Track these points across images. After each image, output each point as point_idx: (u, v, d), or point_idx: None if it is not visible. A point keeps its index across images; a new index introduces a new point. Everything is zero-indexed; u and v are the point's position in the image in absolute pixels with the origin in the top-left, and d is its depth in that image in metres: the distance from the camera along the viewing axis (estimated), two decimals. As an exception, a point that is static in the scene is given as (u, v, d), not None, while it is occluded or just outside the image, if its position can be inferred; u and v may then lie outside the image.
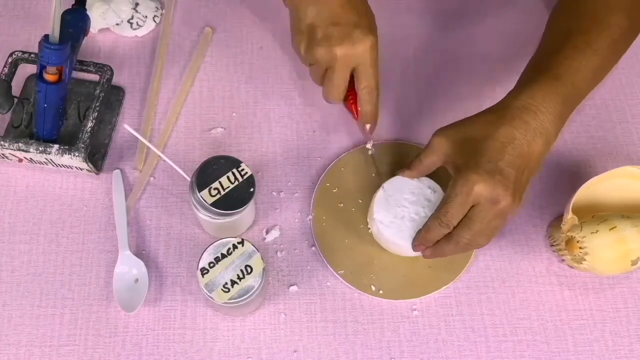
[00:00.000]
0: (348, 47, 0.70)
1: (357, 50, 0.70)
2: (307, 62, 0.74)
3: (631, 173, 0.74)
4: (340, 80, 0.73)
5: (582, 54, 0.68)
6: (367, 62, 0.72)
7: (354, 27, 0.70)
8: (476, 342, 0.73)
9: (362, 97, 0.74)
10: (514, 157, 0.64)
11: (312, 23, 0.71)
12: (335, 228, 0.77)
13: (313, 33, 0.71)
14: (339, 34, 0.70)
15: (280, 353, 0.72)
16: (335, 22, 0.70)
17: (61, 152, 0.74)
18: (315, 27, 0.71)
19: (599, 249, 0.69)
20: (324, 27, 0.70)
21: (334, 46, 0.70)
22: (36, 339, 0.71)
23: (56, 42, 0.69)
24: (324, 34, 0.70)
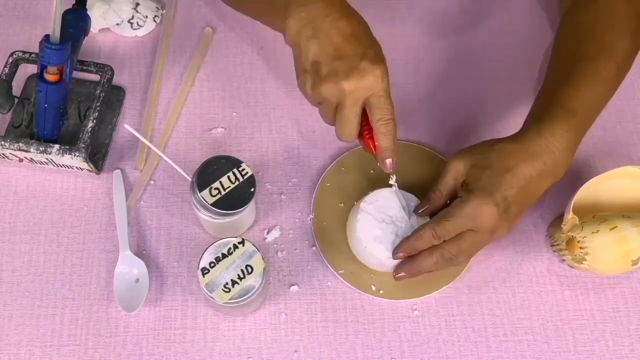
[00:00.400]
0: (356, 79, 0.65)
1: (366, 82, 0.65)
2: (315, 102, 0.69)
3: (632, 173, 0.74)
4: (352, 116, 0.67)
5: (591, 84, 0.71)
6: (379, 92, 0.66)
7: (360, 59, 0.65)
8: (477, 342, 0.73)
9: (378, 131, 0.68)
10: (524, 195, 0.67)
11: (316, 60, 0.66)
12: (336, 228, 0.77)
13: (318, 70, 0.66)
14: (345, 68, 0.65)
15: (280, 353, 0.72)
16: (339, 57, 0.66)
17: (62, 152, 0.74)
18: (319, 64, 0.66)
19: (599, 249, 0.70)
20: (329, 63, 0.66)
21: (341, 81, 0.65)
22: (37, 339, 0.71)
23: (57, 42, 0.69)
24: (329, 69, 0.66)
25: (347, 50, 0.66)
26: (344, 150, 0.82)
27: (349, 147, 0.82)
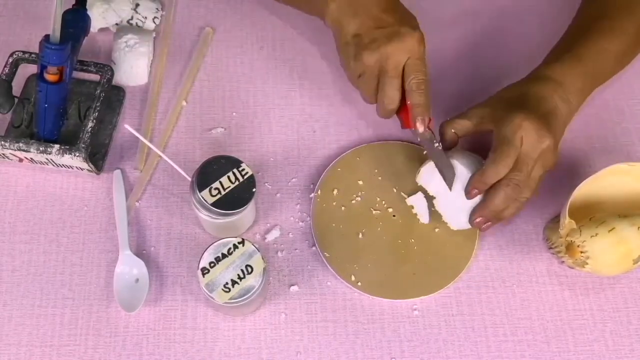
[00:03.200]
0: (397, 43, 0.70)
1: (406, 45, 0.71)
2: (357, 73, 0.73)
3: (622, 170, 0.74)
4: (395, 81, 0.72)
5: (606, 38, 0.74)
6: (416, 54, 0.71)
7: (400, 26, 0.71)
8: (476, 342, 0.73)
9: (411, 89, 0.72)
10: (547, 111, 0.71)
11: (357, 33, 0.72)
12: (336, 228, 0.77)
13: (360, 41, 0.72)
14: (386, 35, 0.71)
15: (280, 353, 0.72)
16: (379, 26, 0.71)
17: (62, 152, 0.74)
18: (360, 35, 0.72)
19: (600, 252, 0.69)
20: (370, 33, 0.71)
21: (383, 46, 0.70)
22: (37, 339, 0.71)
23: (57, 42, 0.69)
24: (371, 38, 0.71)
25: (385, 20, 0.72)
26: (344, 150, 0.82)
27: (349, 147, 0.82)
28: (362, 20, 0.72)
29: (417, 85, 0.72)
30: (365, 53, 0.71)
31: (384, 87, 0.72)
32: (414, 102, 0.72)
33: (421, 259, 0.76)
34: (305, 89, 0.86)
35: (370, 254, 0.76)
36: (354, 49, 0.72)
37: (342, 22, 0.73)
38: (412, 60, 0.71)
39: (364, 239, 0.77)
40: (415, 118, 0.72)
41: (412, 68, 0.71)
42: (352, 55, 0.72)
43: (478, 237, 0.78)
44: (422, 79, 0.72)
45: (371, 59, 0.71)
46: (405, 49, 0.71)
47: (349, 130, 0.83)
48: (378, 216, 0.78)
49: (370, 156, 0.81)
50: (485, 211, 0.71)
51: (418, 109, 0.72)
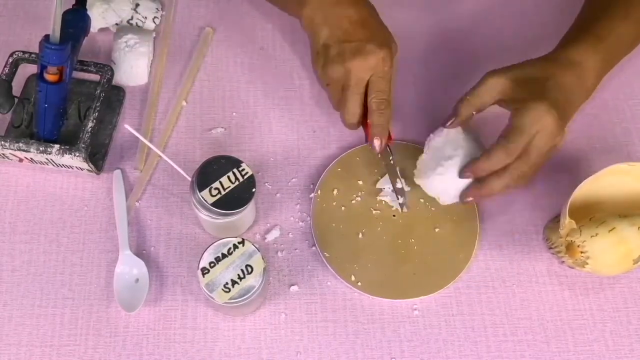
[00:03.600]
0: (360, 60, 0.70)
1: (369, 63, 0.71)
2: (325, 83, 0.74)
3: (622, 170, 0.74)
4: (356, 97, 0.72)
5: (622, 22, 0.75)
6: (379, 73, 0.72)
7: (366, 42, 0.71)
8: (476, 341, 0.73)
9: (371, 108, 0.72)
10: (568, 101, 0.70)
11: (326, 43, 0.73)
12: (336, 228, 0.77)
13: (327, 52, 0.72)
14: (351, 50, 0.71)
15: (281, 353, 0.72)
16: (347, 40, 0.72)
17: (62, 152, 0.74)
18: (328, 46, 0.72)
19: (600, 252, 0.69)
20: (337, 46, 0.72)
21: (347, 61, 0.71)
22: (37, 339, 0.71)
23: (57, 42, 0.69)
24: (337, 51, 0.72)
25: (353, 34, 0.72)
26: (344, 150, 0.82)
27: (349, 147, 0.82)
28: (331, 31, 0.73)
29: (377, 105, 0.72)
30: (330, 66, 0.72)
31: (346, 102, 0.73)
32: (373, 121, 0.73)
33: (421, 259, 0.76)
34: (305, 89, 0.86)
35: (370, 254, 0.76)
36: (322, 59, 0.73)
37: (315, 30, 0.74)
38: (375, 78, 0.72)
39: (364, 239, 0.77)
40: (373, 137, 0.73)
41: (374, 86, 0.72)
42: (320, 65, 0.73)
43: (478, 237, 0.78)
44: (382, 99, 0.72)
45: (335, 73, 0.72)
46: (368, 66, 0.71)
47: (349, 130, 0.83)
48: (378, 216, 0.78)
49: (370, 156, 0.81)
50: (481, 193, 0.72)
51: (376, 129, 0.73)
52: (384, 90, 0.72)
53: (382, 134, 0.73)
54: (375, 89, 0.72)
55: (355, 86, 0.72)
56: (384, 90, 0.72)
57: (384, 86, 0.72)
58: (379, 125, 0.73)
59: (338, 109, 0.75)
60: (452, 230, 0.77)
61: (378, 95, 0.72)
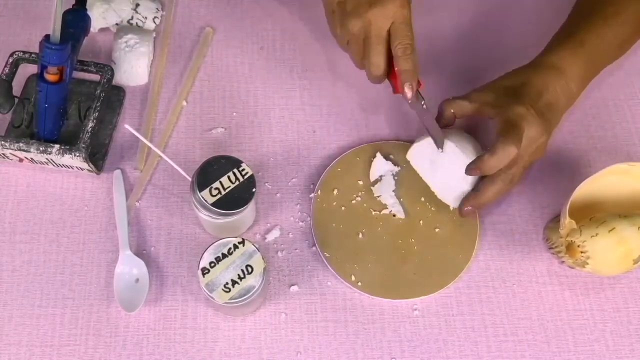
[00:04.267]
0: (379, 9, 0.69)
1: (388, 11, 0.70)
2: (345, 41, 0.73)
3: (622, 170, 0.74)
4: (379, 48, 0.71)
5: (609, 23, 0.74)
6: (399, 19, 0.70)
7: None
8: (477, 341, 0.73)
9: (396, 55, 0.71)
10: (547, 103, 0.71)
11: (341, 0, 0.71)
12: (336, 228, 0.77)
13: (343, 8, 0.71)
14: (368, 1, 0.70)
15: (281, 353, 0.72)
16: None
17: (62, 152, 0.74)
18: (344, 2, 0.71)
19: (600, 252, 0.69)
20: (353, 0, 0.70)
21: (365, 12, 0.70)
22: (37, 339, 0.71)
23: (57, 42, 0.69)
24: (353, 5, 0.70)
25: None
26: (344, 150, 0.82)
27: (349, 147, 0.82)
28: None
29: (403, 50, 0.71)
30: (348, 20, 0.70)
31: (369, 54, 0.72)
32: (401, 67, 0.71)
33: (421, 259, 0.76)
34: (305, 89, 0.86)
35: (370, 254, 0.76)
36: (339, 16, 0.72)
37: None
38: (396, 25, 0.70)
39: (364, 239, 0.77)
40: (403, 83, 0.72)
41: (397, 33, 0.70)
42: (338, 23, 0.72)
43: (478, 237, 0.78)
44: (407, 44, 0.71)
45: (355, 26, 0.70)
46: (387, 14, 0.70)
47: (349, 130, 0.83)
48: (378, 216, 0.78)
49: (370, 156, 0.81)
50: (478, 202, 0.74)
51: (405, 75, 0.71)
52: (407, 35, 0.71)
53: (412, 78, 0.72)
54: (398, 35, 0.70)
55: (377, 37, 0.71)
56: (406, 35, 0.71)
57: (407, 31, 0.71)
58: (408, 71, 0.71)
59: (362, 65, 0.74)
60: (452, 230, 0.77)
61: (403, 40, 0.70)
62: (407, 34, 0.71)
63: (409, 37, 0.71)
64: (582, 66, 0.73)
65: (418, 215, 0.78)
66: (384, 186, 0.79)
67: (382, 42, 0.71)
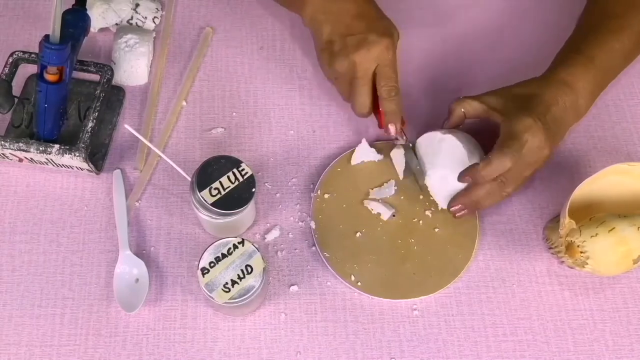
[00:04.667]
0: (364, 51, 0.73)
1: (373, 54, 0.73)
2: (332, 78, 0.77)
3: (622, 170, 0.74)
4: (363, 86, 0.75)
5: (616, 38, 0.75)
6: (384, 62, 0.74)
7: (368, 33, 0.73)
8: (476, 341, 0.73)
9: (381, 97, 0.75)
10: (554, 117, 0.71)
11: (329, 39, 0.75)
12: (336, 228, 0.77)
13: (332, 48, 0.75)
14: (354, 43, 0.73)
15: (280, 353, 0.72)
16: (349, 33, 0.74)
17: (62, 152, 0.74)
18: (332, 42, 0.75)
19: (600, 252, 0.69)
20: (340, 40, 0.74)
21: (351, 54, 0.73)
22: (37, 339, 0.71)
23: (57, 42, 0.69)
24: (340, 45, 0.74)
25: (355, 27, 0.74)
26: (344, 150, 0.82)
27: (349, 147, 0.82)
28: (333, 26, 0.75)
29: (388, 92, 0.75)
30: (336, 60, 0.74)
31: (355, 94, 0.76)
32: (385, 109, 0.76)
33: (421, 259, 0.76)
34: (305, 89, 0.86)
35: (370, 254, 0.76)
36: (327, 55, 0.75)
37: (317, 27, 0.76)
38: (381, 67, 0.74)
39: (364, 239, 0.77)
40: (387, 123, 0.76)
41: (382, 75, 0.74)
42: (326, 61, 0.75)
43: (478, 237, 0.78)
44: (392, 86, 0.75)
45: (342, 67, 0.74)
46: (372, 57, 0.73)
47: (349, 130, 0.83)
48: (378, 216, 0.78)
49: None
50: (466, 200, 0.74)
51: (390, 116, 0.76)
52: (391, 77, 0.75)
53: (396, 119, 0.76)
54: (383, 78, 0.74)
55: (362, 77, 0.74)
56: (391, 77, 0.74)
57: (391, 73, 0.74)
58: (392, 112, 0.76)
59: (348, 100, 0.78)
60: (452, 230, 0.77)
61: (387, 82, 0.74)
62: (392, 76, 0.75)
63: (394, 79, 0.75)
64: (592, 82, 0.74)
65: (418, 215, 0.78)
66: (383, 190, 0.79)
67: (368, 83, 0.75)
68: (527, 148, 0.69)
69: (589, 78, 0.73)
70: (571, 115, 0.73)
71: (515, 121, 0.70)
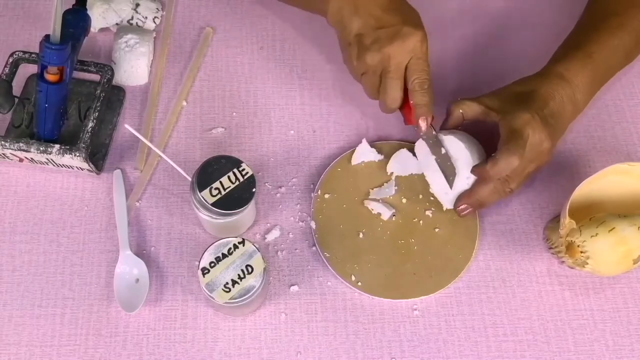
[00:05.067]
0: (399, 44, 0.70)
1: (408, 46, 0.71)
2: (360, 72, 0.74)
3: (622, 170, 0.74)
4: (397, 82, 0.72)
5: (615, 35, 0.75)
6: (418, 54, 0.72)
7: (402, 25, 0.71)
8: (477, 341, 0.73)
9: (413, 89, 0.72)
10: (552, 112, 0.71)
11: (359, 33, 0.72)
12: (336, 228, 0.77)
13: (362, 41, 0.72)
14: (388, 35, 0.71)
15: (280, 353, 0.72)
16: (381, 26, 0.71)
17: (62, 152, 0.74)
18: (362, 35, 0.72)
19: (600, 252, 0.69)
20: (372, 33, 0.71)
21: (385, 47, 0.70)
22: (37, 339, 0.71)
23: (57, 42, 0.69)
24: (373, 39, 0.71)
25: (387, 19, 0.71)
26: (344, 150, 0.82)
27: (349, 147, 0.82)
28: (364, 20, 0.72)
29: (420, 85, 0.72)
30: (367, 54, 0.71)
31: (386, 88, 0.73)
32: (417, 101, 0.73)
33: (421, 259, 0.76)
34: (305, 89, 0.86)
35: (370, 254, 0.76)
36: (356, 49, 0.72)
37: (344, 22, 0.73)
38: (414, 59, 0.72)
39: (364, 239, 0.77)
40: (418, 117, 0.74)
41: (415, 67, 0.72)
42: (355, 55, 0.72)
43: (478, 237, 0.78)
44: (425, 79, 0.72)
45: (374, 60, 0.71)
46: (407, 49, 0.71)
47: (349, 130, 0.83)
48: (378, 216, 0.78)
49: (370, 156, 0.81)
50: (471, 199, 0.74)
51: (421, 109, 0.73)
52: (424, 70, 0.72)
53: (428, 113, 0.74)
54: (416, 70, 0.72)
55: (395, 71, 0.71)
56: (424, 70, 0.72)
57: (424, 66, 0.72)
58: (424, 105, 0.73)
59: (376, 96, 0.75)
60: (452, 230, 0.77)
61: (421, 75, 0.72)
62: (425, 69, 0.72)
63: (427, 71, 0.73)
64: (590, 77, 0.74)
65: (418, 215, 0.78)
66: (383, 190, 0.79)
67: (401, 77, 0.72)
68: (528, 144, 0.69)
69: (586, 73, 0.73)
70: (569, 110, 0.73)
71: (513, 118, 0.70)
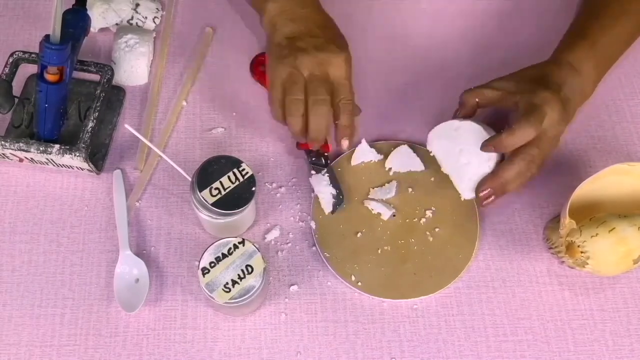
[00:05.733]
0: (327, 54, 0.72)
1: (336, 60, 0.73)
2: (285, 73, 0.72)
3: (622, 170, 0.74)
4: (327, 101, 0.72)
5: (618, 21, 0.77)
6: (344, 75, 0.73)
7: (331, 42, 0.74)
8: (477, 341, 0.73)
9: (338, 110, 0.73)
10: (566, 96, 0.72)
11: (292, 36, 0.74)
12: (336, 228, 0.77)
13: (293, 43, 0.73)
14: (319, 45, 0.73)
15: (280, 353, 0.72)
16: (314, 35, 0.74)
17: (62, 152, 0.74)
18: (294, 38, 0.74)
19: (600, 252, 0.69)
20: (304, 38, 0.73)
21: (316, 52, 0.72)
22: (37, 339, 0.71)
23: (57, 42, 0.69)
24: (305, 43, 0.73)
25: (319, 33, 0.74)
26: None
27: (349, 147, 0.82)
28: (298, 26, 0.74)
29: (345, 106, 0.73)
30: (299, 54, 0.72)
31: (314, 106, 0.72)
32: (342, 122, 0.74)
33: (421, 259, 0.76)
34: (305, 89, 0.86)
35: (370, 254, 0.76)
36: (287, 50, 0.73)
37: (278, 24, 0.75)
38: (339, 79, 0.73)
39: (364, 239, 0.77)
40: (341, 137, 0.75)
41: (340, 88, 0.73)
42: (283, 56, 0.73)
43: (478, 237, 0.78)
44: (349, 100, 0.74)
45: (305, 61, 0.72)
46: (332, 64, 0.73)
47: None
48: (378, 216, 0.78)
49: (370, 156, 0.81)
50: (495, 182, 0.72)
51: (346, 130, 0.74)
52: (351, 92, 0.74)
53: (352, 134, 0.75)
54: (341, 91, 0.73)
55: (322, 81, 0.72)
56: (348, 91, 0.74)
57: (349, 87, 0.74)
58: (348, 126, 0.74)
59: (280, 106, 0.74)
60: (452, 230, 0.77)
61: (345, 96, 0.73)
62: (350, 90, 0.74)
63: (352, 94, 0.74)
64: (595, 66, 0.75)
65: (418, 215, 0.78)
66: (384, 191, 0.79)
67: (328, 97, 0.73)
68: (547, 122, 0.70)
69: (591, 62, 0.75)
70: (578, 97, 0.74)
71: (534, 95, 0.71)
